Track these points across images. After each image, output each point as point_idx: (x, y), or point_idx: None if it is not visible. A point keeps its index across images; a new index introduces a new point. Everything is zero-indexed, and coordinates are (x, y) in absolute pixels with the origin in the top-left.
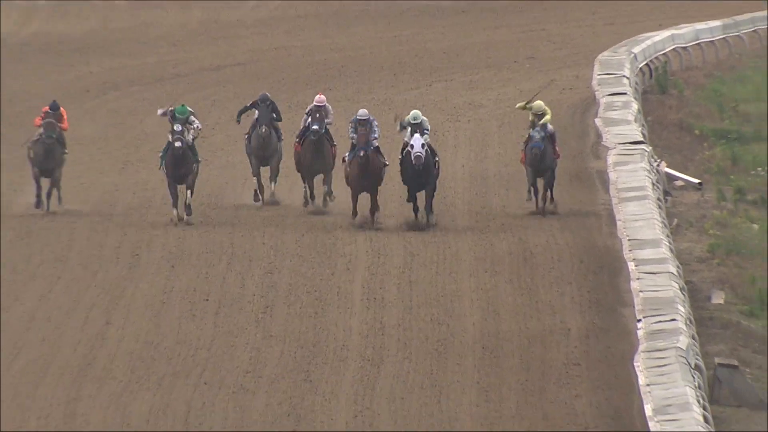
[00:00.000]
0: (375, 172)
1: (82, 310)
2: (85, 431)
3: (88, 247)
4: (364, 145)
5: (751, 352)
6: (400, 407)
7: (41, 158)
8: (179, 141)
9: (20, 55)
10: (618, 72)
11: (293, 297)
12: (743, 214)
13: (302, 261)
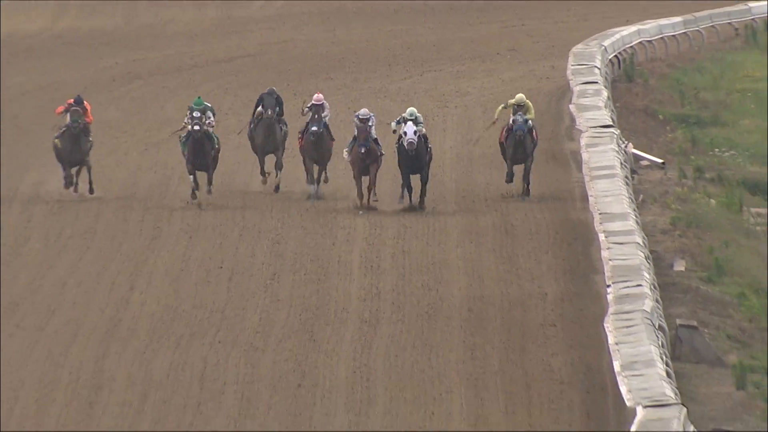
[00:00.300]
0: (373, 160)
1: (108, 276)
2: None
3: (114, 221)
4: (364, 141)
5: (709, 314)
6: (394, 364)
7: (69, 149)
8: (197, 125)
9: (53, 48)
10: (590, 63)
11: (298, 265)
12: (702, 190)
13: (306, 233)
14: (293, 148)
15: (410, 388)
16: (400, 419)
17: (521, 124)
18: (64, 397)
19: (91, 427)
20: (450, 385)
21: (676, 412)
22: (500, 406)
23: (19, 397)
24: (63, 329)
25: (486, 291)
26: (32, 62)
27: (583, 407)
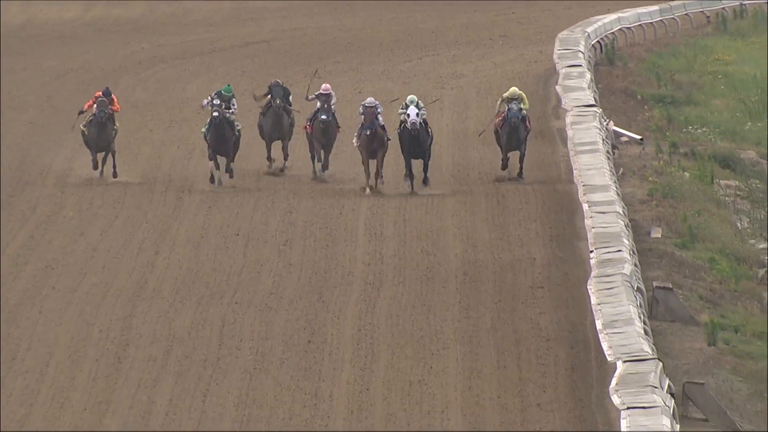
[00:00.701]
0: (380, 144)
1: (135, 242)
2: (139, 341)
3: (140, 191)
4: (370, 124)
5: (683, 277)
6: (396, 323)
7: (95, 136)
8: (217, 111)
9: (84, 35)
10: (574, 48)
11: (308, 232)
12: (676, 164)
13: (315, 203)
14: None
15: (410, 344)
16: (401, 373)
17: (516, 112)
18: (94, 353)
19: (120, 379)
20: (446, 342)
21: (652, 366)
22: (492, 361)
23: (53, 353)
24: (94, 290)
25: (479, 256)
26: (65, 48)
27: (568, 362)
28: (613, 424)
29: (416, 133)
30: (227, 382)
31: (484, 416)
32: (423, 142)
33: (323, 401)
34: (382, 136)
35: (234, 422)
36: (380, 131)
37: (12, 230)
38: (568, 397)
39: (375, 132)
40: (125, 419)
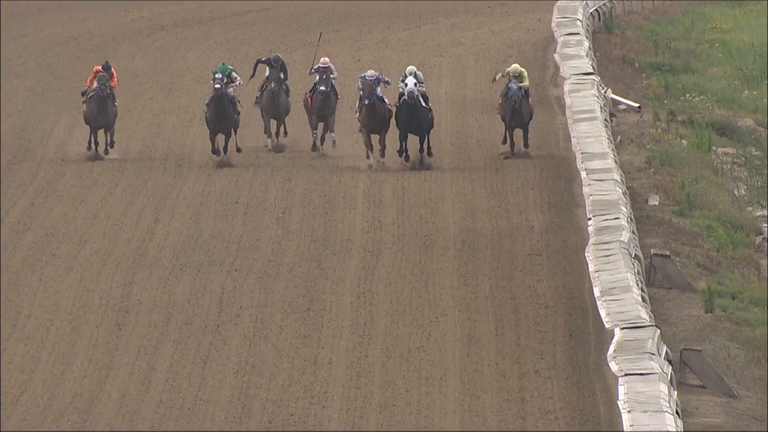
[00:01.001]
0: (381, 116)
1: (135, 210)
2: (139, 309)
3: (140, 159)
4: (369, 94)
5: (680, 245)
6: (394, 290)
7: (95, 113)
8: (219, 84)
9: (85, 3)
10: (573, 16)
11: (307, 200)
12: (674, 132)
13: (314, 171)
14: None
15: (409, 311)
16: (399, 340)
17: (515, 91)
18: (95, 319)
19: (120, 346)
20: (445, 309)
21: (650, 333)
22: (491, 328)
23: (54, 320)
24: (94, 257)
25: (478, 223)
26: (65, 15)
27: (566, 328)
28: (611, 391)
29: (413, 103)
30: (227, 348)
31: (482, 383)
32: (421, 115)
33: (322, 368)
34: (383, 108)
35: (233, 388)
36: (380, 104)
37: (12, 197)
38: (566, 363)
39: (374, 104)
40: (125, 385)
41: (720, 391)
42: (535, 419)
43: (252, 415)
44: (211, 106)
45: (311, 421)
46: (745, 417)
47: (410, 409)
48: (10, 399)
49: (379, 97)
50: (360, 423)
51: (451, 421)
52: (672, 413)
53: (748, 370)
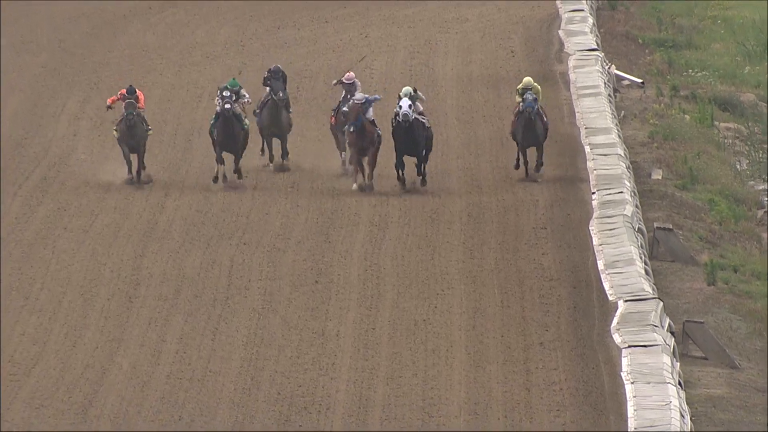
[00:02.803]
0: (370, 139)
1: (144, 185)
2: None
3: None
4: (354, 120)
5: (683, 218)
6: (401, 263)
7: (126, 135)
8: (228, 104)
9: None
10: None
11: (315, 175)
12: (677, 107)
13: (322, 146)
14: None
15: (415, 284)
16: (406, 312)
17: (530, 102)
18: (106, 292)
19: (131, 318)
20: (451, 282)
21: (653, 306)
22: (496, 300)
23: (66, 292)
24: (105, 231)
25: (483, 198)
26: None
27: (570, 301)
28: (614, 362)
29: (408, 126)
30: (236, 321)
31: (488, 354)
32: (418, 136)
33: (330, 340)
34: (372, 132)
35: (243, 360)
36: (369, 126)
37: (25, 172)
38: (570, 335)
39: (362, 127)
40: (136, 357)
41: (722, 363)
42: (540, 390)
43: (261, 387)
44: (218, 124)
45: (319, 393)
46: (747, 388)
47: (416, 380)
48: (23, 370)
49: (368, 119)
50: (367, 394)
51: (457, 392)
52: (674, 384)
53: (750, 341)
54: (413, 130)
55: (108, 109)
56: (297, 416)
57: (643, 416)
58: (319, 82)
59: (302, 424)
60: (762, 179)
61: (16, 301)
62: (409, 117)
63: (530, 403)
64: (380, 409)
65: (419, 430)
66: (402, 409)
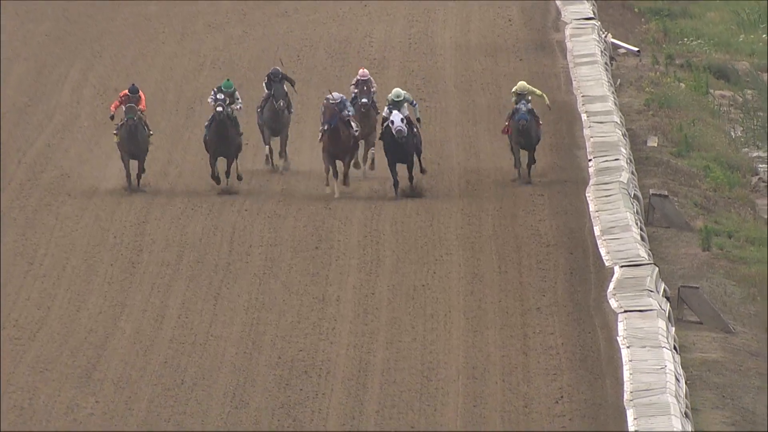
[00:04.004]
0: (345, 142)
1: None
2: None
3: (152, 100)
4: (329, 119)
5: (678, 185)
6: (401, 229)
7: (126, 141)
8: (221, 106)
9: None
10: None
11: (315, 143)
12: (672, 75)
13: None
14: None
15: (414, 250)
16: (405, 278)
17: (524, 114)
18: (109, 257)
19: (134, 283)
20: (449, 248)
21: (649, 271)
22: (494, 266)
23: (70, 258)
24: (108, 197)
25: (481, 165)
26: None
27: (567, 266)
28: (611, 327)
29: (402, 140)
30: (237, 286)
31: (486, 319)
32: (408, 146)
33: (330, 305)
34: (347, 133)
35: (244, 325)
36: (344, 130)
37: (29, 139)
38: (567, 300)
39: (336, 128)
40: (139, 322)
41: (716, 327)
42: (537, 354)
43: (262, 351)
44: (212, 128)
45: (319, 357)
46: (741, 352)
47: (415, 344)
48: (27, 335)
49: (344, 120)
50: (367, 358)
51: (455, 356)
52: (670, 348)
53: (744, 306)
54: (405, 141)
55: (112, 119)
56: (297, 380)
57: (639, 380)
58: (320, 50)
59: (303, 388)
60: (756, 146)
61: (21, 267)
62: (404, 133)
63: (527, 366)
64: (380, 373)
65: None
66: (401, 372)
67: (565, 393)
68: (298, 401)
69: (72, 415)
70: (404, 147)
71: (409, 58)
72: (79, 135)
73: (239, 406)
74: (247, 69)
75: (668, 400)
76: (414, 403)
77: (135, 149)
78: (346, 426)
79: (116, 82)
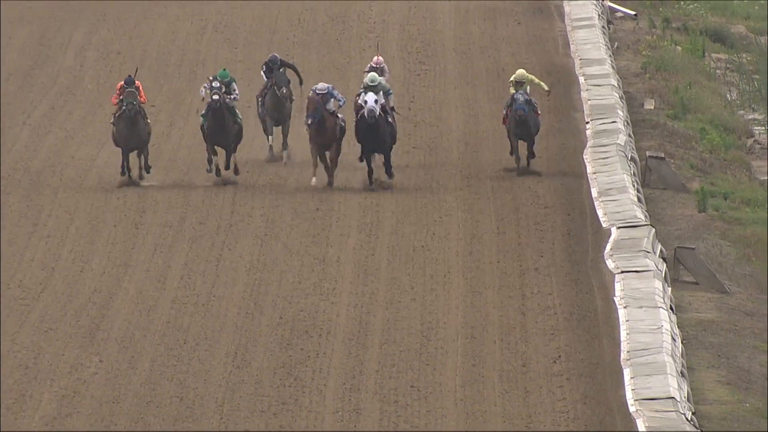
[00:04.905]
0: (331, 133)
1: (151, 113)
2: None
3: (156, 64)
4: (312, 113)
5: (675, 147)
6: (400, 190)
7: (125, 133)
8: (217, 95)
9: None
10: None
11: None
12: (669, 38)
13: (323, 77)
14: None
15: (414, 211)
16: (405, 239)
17: (521, 104)
18: (113, 218)
19: (137, 244)
20: (449, 209)
21: (645, 232)
22: (492, 227)
23: (74, 219)
24: (112, 159)
25: (480, 127)
26: None
27: (564, 227)
28: (608, 287)
29: (374, 122)
30: (239, 247)
31: (484, 280)
32: (382, 132)
33: (330, 266)
34: (333, 124)
35: (246, 285)
36: (330, 120)
37: (33, 101)
38: (565, 261)
39: (321, 121)
40: (142, 282)
41: (712, 287)
42: (535, 314)
43: (263, 311)
44: (209, 117)
45: (320, 317)
46: (737, 312)
47: (415, 305)
48: (32, 295)
49: (329, 111)
50: (367, 319)
51: (454, 316)
52: (666, 308)
53: (739, 266)
54: (378, 126)
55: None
56: (298, 340)
57: (636, 339)
58: (320, 13)
59: (303, 348)
60: (752, 108)
61: (25, 228)
62: (375, 113)
63: (525, 327)
64: (379, 332)
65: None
66: (401, 332)
67: (563, 352)
68: (299, 361)
69: (76, 374)
70: (378, 133)
71: (409, 21)
72: (83, 98)
73: (241, 365)
74: (249, 33)
75: (664, 360)
76: (413, 363)
77: (135, 140)
78: (346, 385)
79: (119, 46)
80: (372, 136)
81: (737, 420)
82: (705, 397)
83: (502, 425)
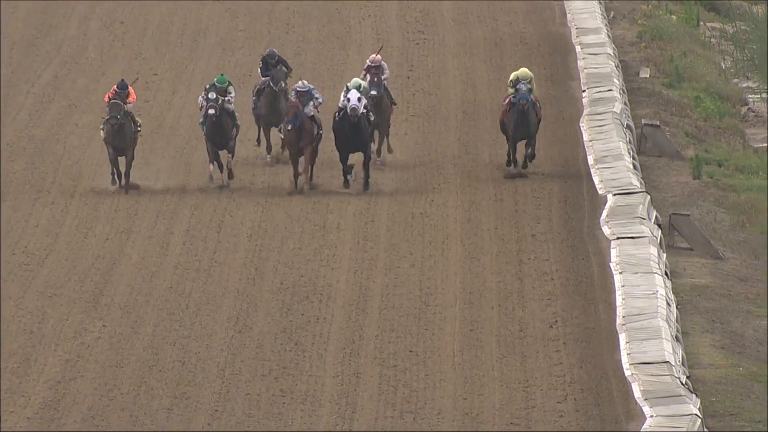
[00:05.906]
0: (309, 137)
1: (154, 82)
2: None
3: (158, 35)
4: (292, 117)
5: (670, 115)
6: (399, 158)
7: (111, 137)
8: (213, 108)
9: None
10: None
11: (317, 73)
12: (664, 7)
13: (324, 45)
14: None
15: (413, 179)
16: (404, 206)
17: (525, 94)
18: (115, 186)
19: (139, 211)
20: (447, 177)
21: (641, 199)
22: (490, 194)
23: (77, 186)
24: None
25: (478, 95)
26: None
27: (562, 194)
28: (604, 253)
29: (356, 121)
30: (241, 213)
31: (482, 246)
32: (364, 132)
33: (331, 232)
34: (311, 130)
35: (247, 251)
36: (308, 124)
37: (37, 70)
38: (561, 227)
39: (300, 126)
40: (145, 248)
41: (707, 253)
42: (532, 280)
43: (264, 277)
44: (208, 125)
45: (320, 282)
46: (731, 278)
47: (414, 270)
48: (37, 261)
49: (308, 115)
50: (366, 284)
51: (453, 282)
52: (661, 274)
53: (734, 233)
54: (360, 126)
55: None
56: (299, 305)
57: (631, 305)
58: None
59: (304, 313)
60: (746, 77)
61: (29, 195)
62: (357, 111)
63: (523, 292)
64: (379, 298)
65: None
66: (400, 298)
67: (559, 318)
68: (299, 326)
69: (80, 338)
70: (358, 131)
71: None
72: (86, 67)
73: (242, 330)
74: (250, 2)
75: (659, 325)
76: (412, 328)
77: (121, 145)
78: (346, 349)
79: (122, 15)
80: (353, 135)
81: (731, 384)
82: (699, 362)
83: (500, 389)
